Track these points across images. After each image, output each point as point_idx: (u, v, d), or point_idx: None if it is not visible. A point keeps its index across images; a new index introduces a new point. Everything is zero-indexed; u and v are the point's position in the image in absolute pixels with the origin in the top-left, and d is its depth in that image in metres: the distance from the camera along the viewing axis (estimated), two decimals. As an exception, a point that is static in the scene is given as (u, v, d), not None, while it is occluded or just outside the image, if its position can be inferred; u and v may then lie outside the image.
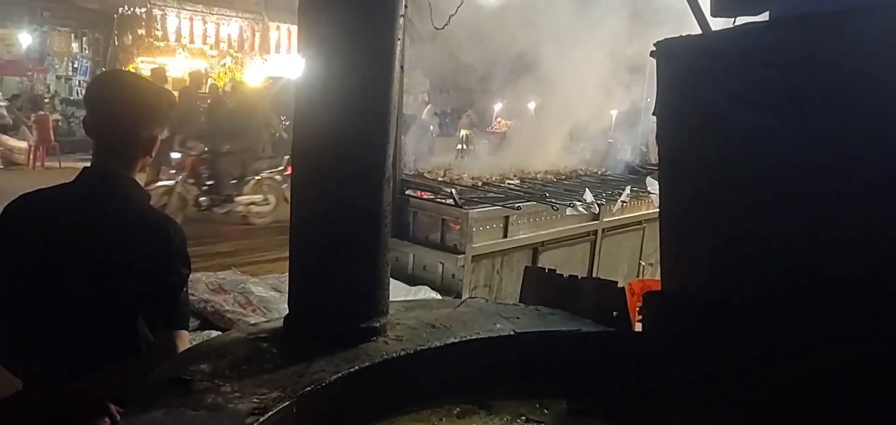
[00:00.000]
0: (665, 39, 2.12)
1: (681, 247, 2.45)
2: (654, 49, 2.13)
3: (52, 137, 12.85)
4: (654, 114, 2.21)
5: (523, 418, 1.78)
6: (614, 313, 2.22)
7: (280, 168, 8.72)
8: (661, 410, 1.85)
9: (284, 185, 8.27)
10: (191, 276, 2.12)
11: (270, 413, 1.35)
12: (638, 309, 2.35)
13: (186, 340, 1.98)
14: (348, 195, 1.77)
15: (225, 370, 1.58)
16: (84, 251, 1.94)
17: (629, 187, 6.32)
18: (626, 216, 6.48)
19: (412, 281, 4.84)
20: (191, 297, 3.07)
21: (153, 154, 2.12)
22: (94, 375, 1.91)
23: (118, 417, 1.80)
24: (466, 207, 4.82)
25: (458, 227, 4.77)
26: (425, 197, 5.13)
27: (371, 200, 1.79)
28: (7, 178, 10.39)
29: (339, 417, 1.59)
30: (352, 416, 1.63)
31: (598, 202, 5.84)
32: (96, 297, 1.95)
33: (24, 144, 12.74)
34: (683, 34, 2.15)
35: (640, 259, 6.75)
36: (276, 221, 8.18)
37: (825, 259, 1.90)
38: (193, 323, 3.69)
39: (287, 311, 1.88)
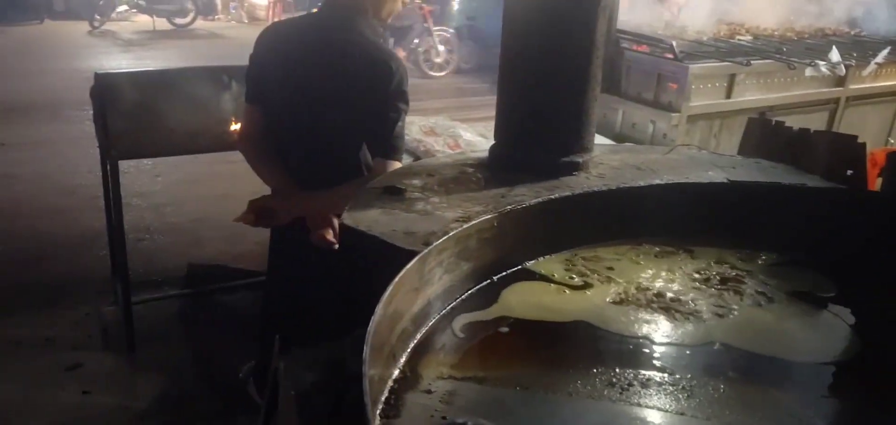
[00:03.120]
0: None
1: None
2: None
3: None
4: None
5: (726, 265, 1.70)
6: (849, 171, 1.99)
7: None
8: (889, 277, 1.66)
9: None
10: (406, 118, 2.27)
11: (473, 222, 1.43)
12: (878, 172, 2.07)
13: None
14: (560, 23, 1.74)
15: (434, 186, 1.70)
16: (316, 79, 2.15)
17: (888, 49, 5.42)
18: (879, 84, 5.59)
19: (619, 139, 4.68)
20: (405, 136, 3.30)
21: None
22: (323, 192, 2.16)
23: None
24: (687, 61, 4.47)
25: (675, 85, 4.47)
26: (641, 50, 4.83)
27: (582, 28, 1.74)
28: (249, 31, 11.80)
29: (537, 239, 1.64)
30: (550, 240, 1.67)
31: (846, 63, 5.10)
32: (327, 124, 2.17)
33: (264, 1, 14.75)
34: None
35: (890, 136, 5.87)
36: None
37: None
38: (406, 159, 3.96)
39: (495, 149, 1.94)
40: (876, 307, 1.56)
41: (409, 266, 1.15)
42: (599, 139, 4.16)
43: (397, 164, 2.15)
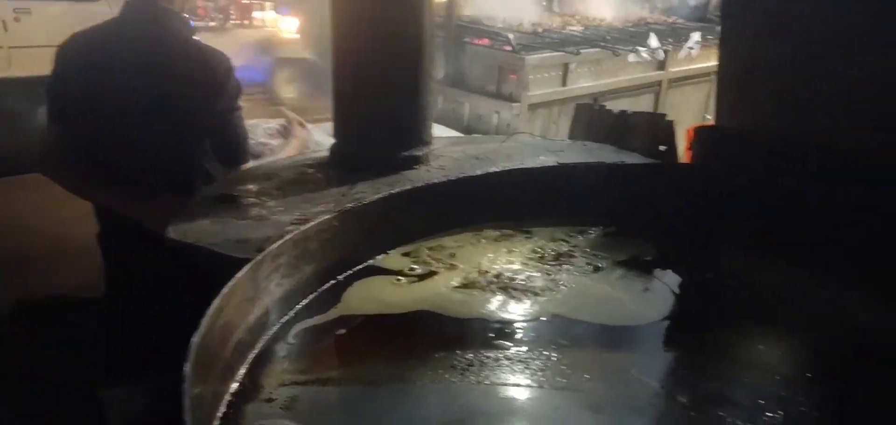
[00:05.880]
0: None
1: (740, 88, 2.35)
2: None
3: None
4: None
5: (559, 241, 1.80)
6: (662, 147, 2.19)
7: None
8: (705, 240, 1.85)
9: None
10: (249, 122, 2.19)
11: (312, 223, 1.41)
12: (689, 146, 2.29)
13: None
14: (387, 20, 1.76)
15: (271, 190, 1.66)
16: (138, 87, 2.02)
17: (699, 34, 5.99)
18: (694, 66, 6.18)
19: (467, 131, 4.83)
20: (249, 142, 3.18)
21: None
22: (153, 202, 2.04)
23: None
24: (523, 53, 4.69)
25: (514, 75, 4.68)
26: (482, 43, 5.01)
27: (411, 26, 1.77)
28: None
29: (381, 234, 1.65)
30: (394, 234, 1.69)
31: (664, 48, 5.58)
32: (157, 132, 2.05)
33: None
34: None
35: (707, 113, 6.50)
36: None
37: None
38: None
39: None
40: (690, 266, 1.72)
41: (239, 275, 1.12)
42: (448, 132, 4.26)
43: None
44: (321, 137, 4.10)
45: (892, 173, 1.79)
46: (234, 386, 1.16)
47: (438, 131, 4.14)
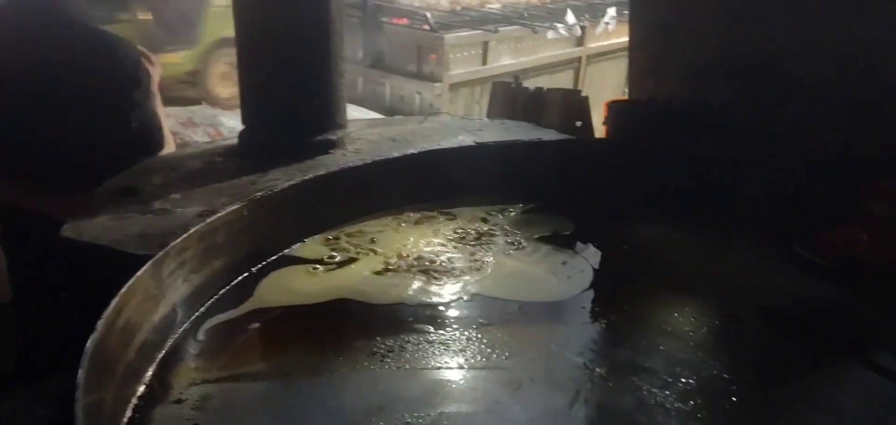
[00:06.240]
0: None
1: (650, 61, 2.41)
2: None
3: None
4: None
5: (479, 222, 1.80)
6: (578, 123, 2.21)
7: None
8: (621, 213, 1.89)
9: None
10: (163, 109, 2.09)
11: (219, 214, 1.35)
12: (604, 120, 2.33)
13: None
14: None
15: (176, 181, 1.58)
16: (43, 77, 1.88)
17: (614, 9, 6.12)
18: (613, 41, 6.32)
19: (389, 112, 4.78)
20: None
21: None
22: (62, 196, 1.91)
23: None
24: (442, 32, 4.67)
25: (434, 55, 4.65)
26: (400, 23, 4.96)
27: (317, 4, 1.71)
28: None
29: (296, 223, 1.60)
30: (310, 222, 1.65)
31: (581, 24, 5.68)
32: (66, 123, 1.91)
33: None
34: None
35: (625, 88, 6.66)
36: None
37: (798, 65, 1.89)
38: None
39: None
40: (607, 239, 1.75)
41: (139, 274, 1.06)
42: (370, 114, 4.21)
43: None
44: (237, 123, 3.98)
45: (787, 141, 1.87)
46: (141, 388, 1.10)
47: (360, 114, 4.10)
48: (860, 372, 1.18)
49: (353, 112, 3.94)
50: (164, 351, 1.19)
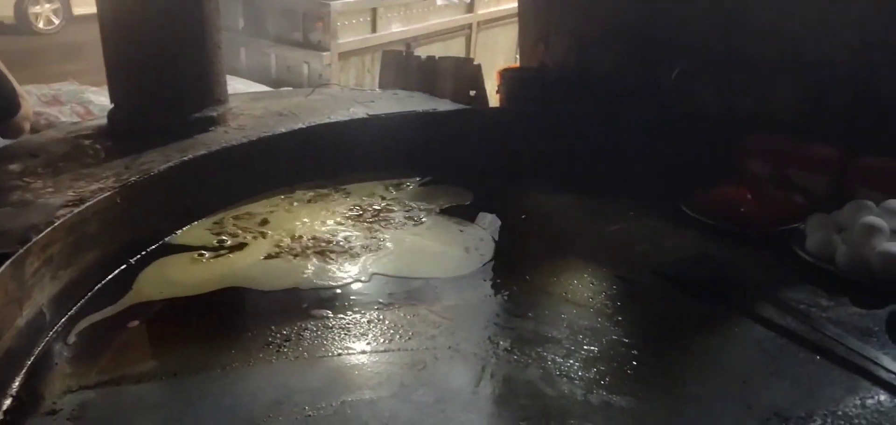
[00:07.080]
0: None
1: (538, 29, 2.43)
2: None
3: None
4: None
5: (377, 197, 1.75)
6: (472, 92, 2.20)
7: None
8: (516, 180, 1.89)
9: None
10: (22, 88, 1.87)
11: (88, 203, 1.23)
12: (496, 88, 2.33)
13: None
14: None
15: (38, 168, 1.42)
16: None
17: (501, -24, 6.16)
18: (503, 7, 6.36)
19: (276, 84, 4.59)
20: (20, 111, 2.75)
21: None
22: None
23: None
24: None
25: (320, 22, 4.49)
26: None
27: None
28: None
29: (176, 207, 1.49)
30: (192, 205, 1.54)
31: (470, -9, 5.68)
32: None
33: None
34: None
35: (517, 54, 6.74)
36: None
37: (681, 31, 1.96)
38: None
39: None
40: (504, 209, 1.75)
41: (-7, 275, 0.93)
42: (255, 87, 4.00)
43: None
44: (103, 100, 3.66)
45: (672, 104, 1.94)
46: (8, 402, 0.99)
47: (243, 86, 3.88)
48: (748, 326, 1.24)
49: (237, 85, 3.73)
50: (32, 359, 1.07)
